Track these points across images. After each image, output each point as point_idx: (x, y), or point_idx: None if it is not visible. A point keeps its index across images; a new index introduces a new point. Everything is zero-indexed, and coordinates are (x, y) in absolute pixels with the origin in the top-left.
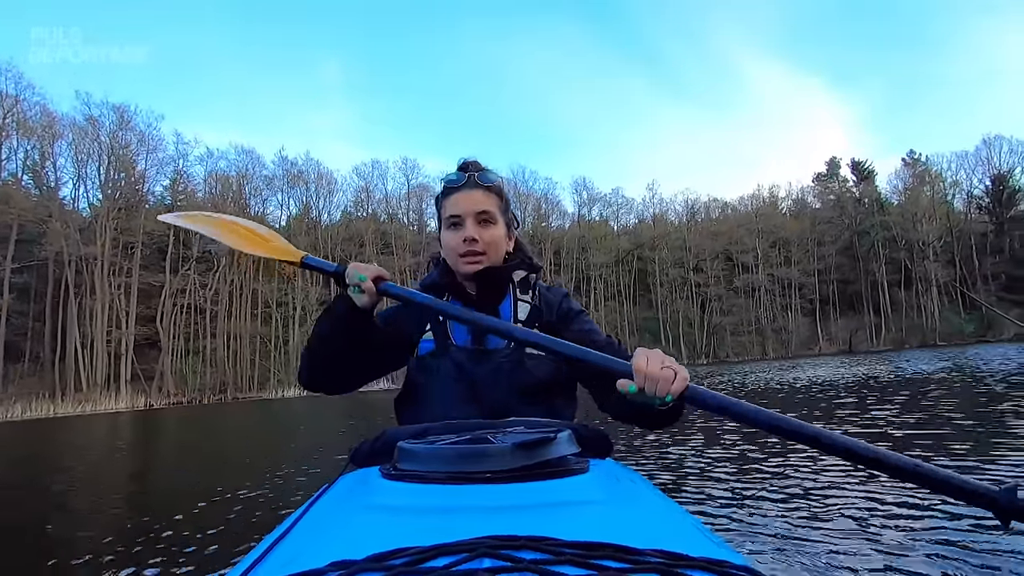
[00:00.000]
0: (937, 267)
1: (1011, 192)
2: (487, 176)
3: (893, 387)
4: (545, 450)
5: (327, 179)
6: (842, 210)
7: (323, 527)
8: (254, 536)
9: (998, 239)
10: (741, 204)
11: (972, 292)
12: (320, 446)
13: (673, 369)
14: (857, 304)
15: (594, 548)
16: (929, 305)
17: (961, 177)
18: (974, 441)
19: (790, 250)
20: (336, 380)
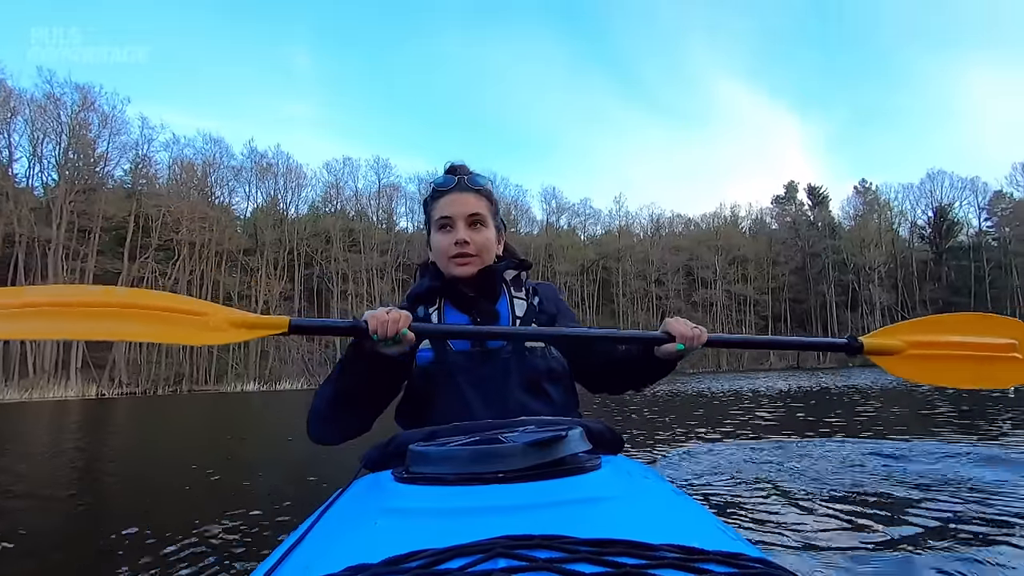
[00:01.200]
0: (881, 291)
1: (950, 224)
2: (477, 179)
3: (827, 396)
4: (556, 448)
5: (296, 173)
6: (797, 232)
7: (338, 532)
8: (182, 535)
9: (937, 267)
10: (703, 221)
11: (911, 316)
12: (278, 446)
13: (700, 328)
14: (807, 322)
15: (609, 545)
16: (872, 327)
17: (907, 207)
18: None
19: (747, 268)
20: (356, 429)
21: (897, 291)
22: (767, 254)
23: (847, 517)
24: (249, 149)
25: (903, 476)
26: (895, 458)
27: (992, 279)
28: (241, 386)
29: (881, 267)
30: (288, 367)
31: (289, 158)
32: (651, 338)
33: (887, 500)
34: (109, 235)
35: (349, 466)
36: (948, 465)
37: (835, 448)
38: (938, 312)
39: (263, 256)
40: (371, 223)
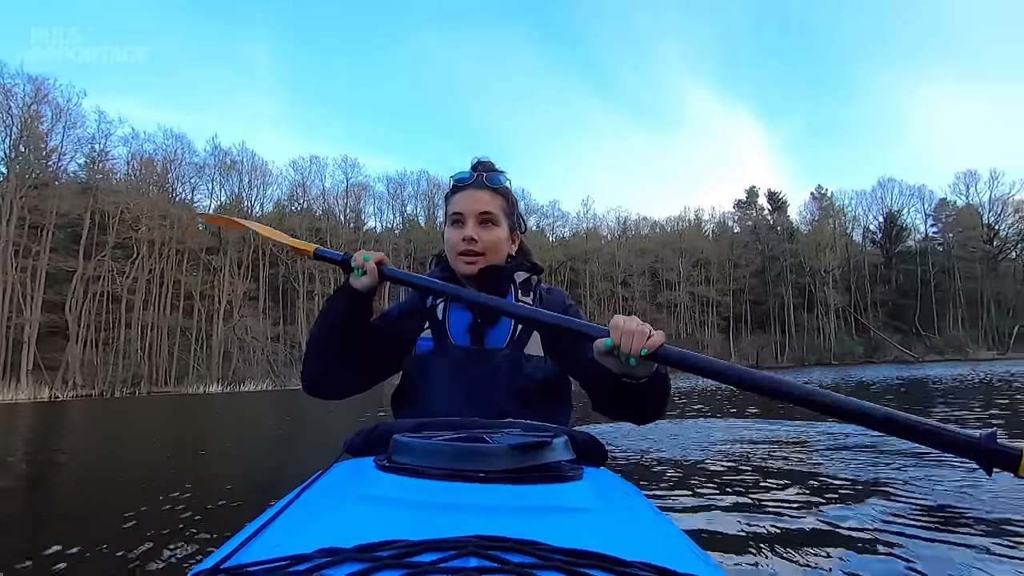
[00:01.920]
0: (835, 294)
1: (899, 229)
2: (495, 177)
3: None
4: (540, 454)
5: (262, 170)
6: (757, 236)
7: (313, 513)
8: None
9: (887, 271)
10: (669, 224)
11: (863, 318)
12: (236, 450)
13: (646, 329)
14: (766, 323)
15: (581, 556)
16: (827, 327)
17: (859, 213)
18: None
19: (710, 270)
20: (338, 375)
21: (850, 293)
22: (729, 257)
23: (829, 547)
24: (213, 146)
25: (900, 499)
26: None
27: (937, 282)
28: (204, 388)
29: (836, 270)
30: (252, 368)
31: (254, 155)
32: (593, 332)
33: (881, 528)
34: (63, 232)
35: (312, 468)
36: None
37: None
38: (888, 314)
39: (226, 255)
40: (338, 222)
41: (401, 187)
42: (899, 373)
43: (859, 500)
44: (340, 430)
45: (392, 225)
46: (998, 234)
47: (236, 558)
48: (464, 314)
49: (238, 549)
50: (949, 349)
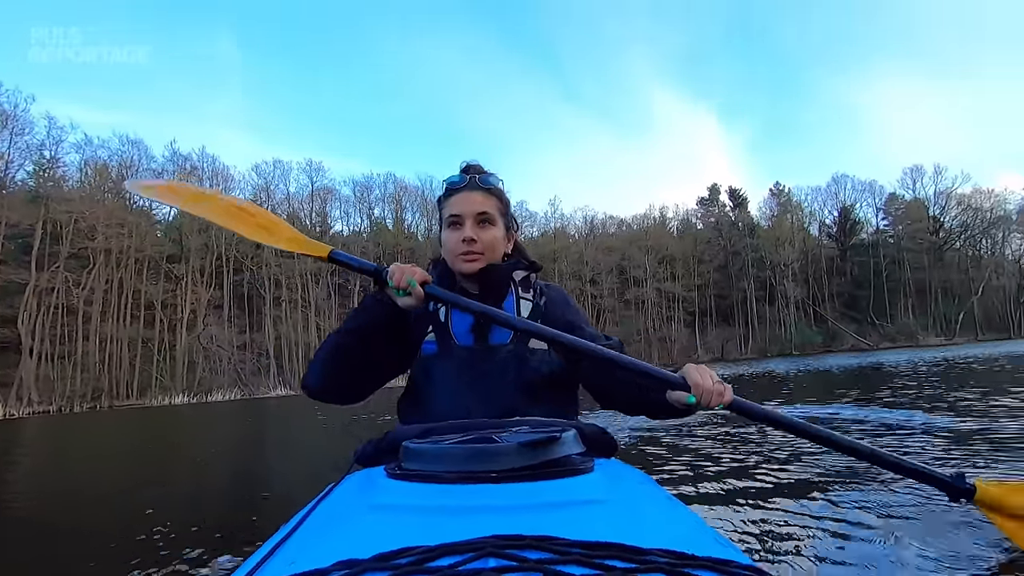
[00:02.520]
0: (794, 286)
1: (853, 223)
2: (488, 179)
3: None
4: (550, 449)
5: (224, 175)
6: (720, 232)
7: (328, 527)
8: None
9: (842, 263)
10: (635, 222)
11: (821, 309)
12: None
13: (723, 386)
14: (730, 317)
15: (599, 548)
16: (787, 319)
17: (815, 208)
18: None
19: (675, 266)
20: (355, 385)
21: (808, 286)
22: (693, 253)
23: (842, 528)
24: (171, 151)
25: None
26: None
27: (888, 273)
28: (169, 399)
29: (794, 263)
30: (219, 377)
31: (215, 160)
32: (664, 378)
33: (893, 516)
34: (13, 243)
35: (303, 477)
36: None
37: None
38: (844, 304)
39: (188, 263)
40: (304, 227)
41: (368, 190)
42: (856, 361)
43: (868, 487)
44: (320, 437)
45: (359, 228)
46: (943, 226)
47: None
48: (466, 316)
49: (256, 568)
50: (901, 336)
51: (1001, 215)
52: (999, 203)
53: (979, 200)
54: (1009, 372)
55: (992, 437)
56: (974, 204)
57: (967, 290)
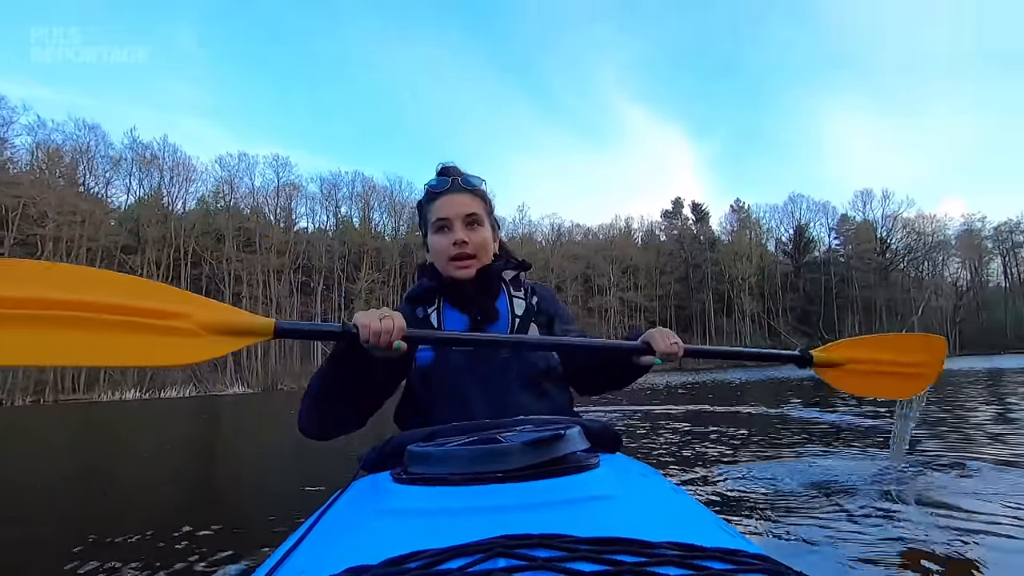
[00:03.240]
0: (750, 300)
1: (807, 241)
2: (470, 180)
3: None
4: (555, 447)
5: (185, 166)
6: (682, 245)
7: (337, 533)
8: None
9: (796, 279)
10: (601, 231)
11: (774, 322)
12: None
13: (678, 342)
14: (688, 327)
15: (608, 543)
16: (743, 331)
17: (773, 225)
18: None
19: (638, 277)
20: (344, 424)
21: (763, 300)
22: (656, 264)
23: (851, 516)
24: (131, 138)
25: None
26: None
27: (838, 290)
28: (120, 394)
29: (751, 278)
30: (173, 373)
31: (176, 150)
32: (632, 348)
33: (899, 503)
34: None
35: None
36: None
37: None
38: (797, 319)
39: (144, 254)
40: (268, 222)
41: (335, 188)
42: (804, 373)
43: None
44: (365, 435)
45: (325, 226)
46: (889, 247)
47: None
48: (460, 318)
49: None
50: None
51: (941, 240)
52: (940, 228)
53: (922, 225)
54: (938, 386)
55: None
56: (918, 228)
57: (909, 309)
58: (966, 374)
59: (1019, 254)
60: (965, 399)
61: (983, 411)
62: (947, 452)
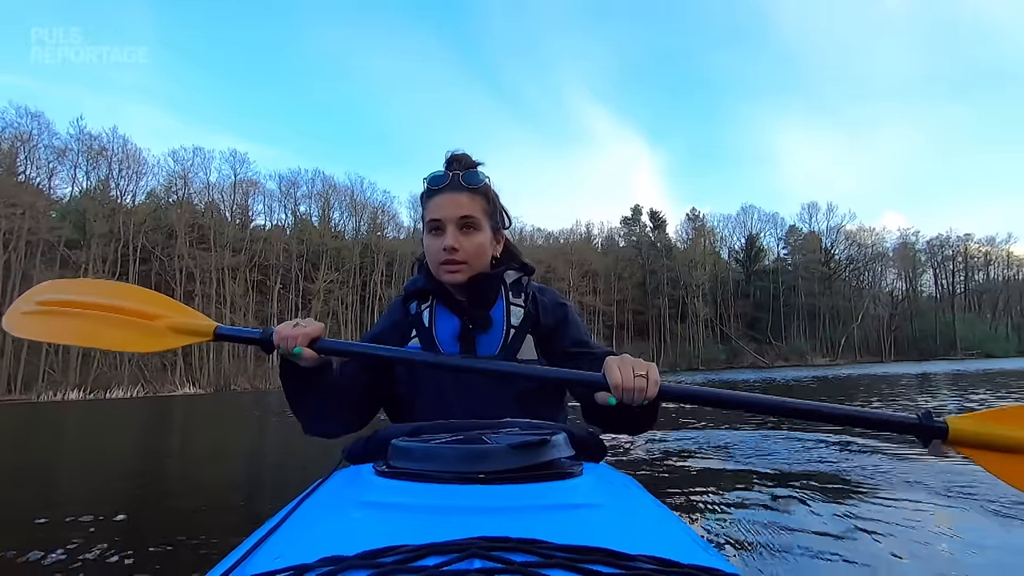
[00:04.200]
0: (703, 306)
1: (757, 250)
2: (473, 176)
3: None
4: (540, 452)
5: (135, 158)
6: (640, 251)
7: (314, 523)
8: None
9: (747, 286)
10: (561, 236)
11: (726, 328)
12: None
13: (645, 376)
14: (645, 332)
15: (585, 552)
16: (696, 336)
17: (726, 234)
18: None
19: (597, 282)
20: (337, 422)
21: (716, 306)
22: (614, 270)
23: (825, 535)
24: (78, 128)
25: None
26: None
27: (785, 298)
28: (62, 395)
29: (704, 284)
30: (118, 373)
31: (127, 141)
32: (590, 381)
33: (869, 521)
34: None
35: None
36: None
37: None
38: (747, 324)
39: (90, 249)
40: (224, 219)
41: (294, 186)
42: (754, 376)
43: (844, 489)
44: (219, 441)
45: (284, 224)
46: (833, 257)
47: (238, 571)
48: (452, 320)
49: (240, 562)
50: (793, 355)
51: (880, 251)
52: (879, 241)
53: (863, 237)
54: (872, 388)
55: (850, 440)
56: (859, 240)
57: (850, 317)
58: (899, 376)
59: (948, 267)
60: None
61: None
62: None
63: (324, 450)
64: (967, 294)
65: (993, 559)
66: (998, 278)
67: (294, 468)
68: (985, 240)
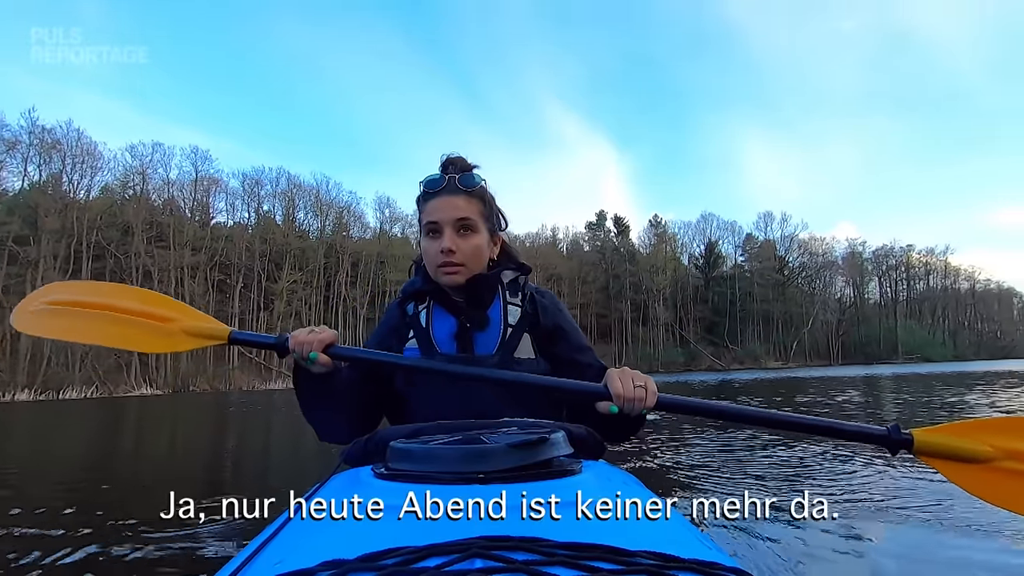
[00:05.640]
0: (664, 310)
1: (716, 257)
2: (469, 179)
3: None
4: (538, 451)
5: (91, 152)
6: (603, 256)
7: (314, 527)
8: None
9: (706, 292)
10: (527, 239)
11: (685, 332)
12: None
13: (644, 387)
14: (608, 335)
15: (585, 549)
16: (656, 339)
17: (686, 240)
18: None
19: (562, 285)
20: (348, 427)
21: (676, 310)
22: (579, 273)
23: (821, 527)
24: (29, 120)
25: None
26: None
27: (741, 303)
28: (11, 395)
29: (665, 289)
30: (71, 374)
31: (82, 134)
32: (591, 391)
33: (866, 512)
34: None
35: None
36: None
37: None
38: (705, 329)
39: (40, 245)
40: (183, 216)
41: (258, 184)
42: (712, 378)
43: (841, 488)
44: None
45: (246, 222)
46: (787, 265)
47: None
48: (449, 320)
49: (241, 567)
50: (748, 359)
51: (830, 260)
52: (829, 250)
53: (814, 246)
54: (822, 390)
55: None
56: (810, 249)
57: (801, 322)
58: (851, 379)
59: (892, 276)
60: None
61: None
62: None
63: (319, 451)
64: (909, 302)
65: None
66: (936, 287)
67: (284, 472)
68: (926, 251)
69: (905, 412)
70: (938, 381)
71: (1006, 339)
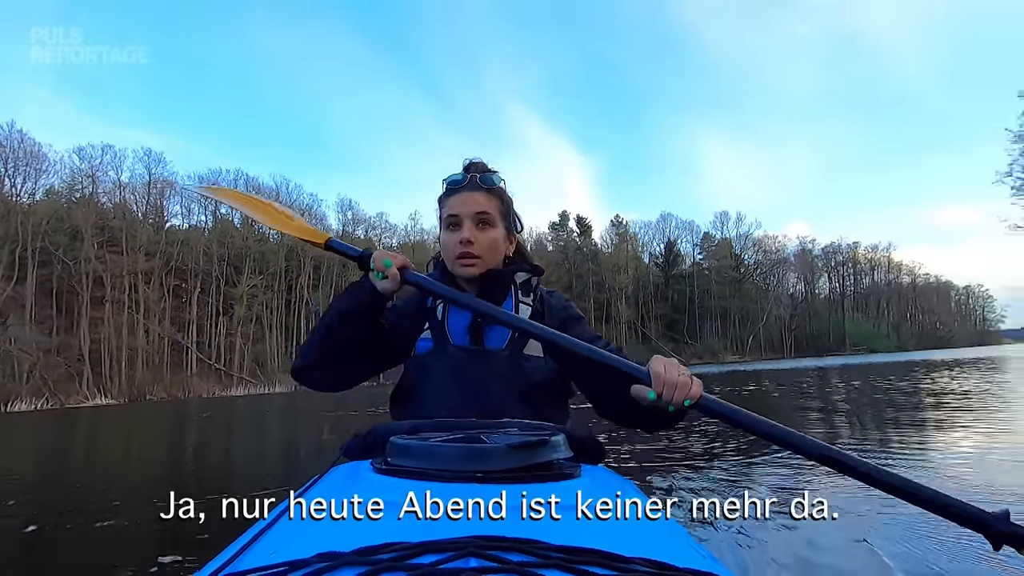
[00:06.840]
0: (626, 308)
1: (675, 256)
2: (489, 178)
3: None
4: (538, 452)
5: (35, 154)
6: (567, 256)
7: (310, 519)
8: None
9: (666, 290)
10: None
11: (647, 329)
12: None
13: (690, 377)
14: None
15: (580, 553)
16: (619, 337)
17: (647, 240)
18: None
19: None
20: (339, 370)
21: (637, 308)
22: None
23: (823, 540)
24: None
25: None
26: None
27: (700, 301)
28: None
29: (627, 288)
30: (18, 385)
31: (24, 135)
32: (629, 371)
33: (870, 526)
34: None
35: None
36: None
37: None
38: (666, 326)
39: None
40: (136, 220)
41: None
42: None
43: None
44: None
45: (203, 225)
46: (743, 262)
47: (234, 565)
48: (464, 314)
49: (236, 556)
50: (707, 354)
51: (783, 257)
52: (782, 247)
53: (768, 243)
54: (776, 379)
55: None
56: (764, 247)
57: (756, 317)
58: (804, 370)
59: (840, 272)
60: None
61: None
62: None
63: (316, 452)
64: (856, 296)
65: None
66: (880, 281)
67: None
68: (871, 247)
69: (864, 399)
70: (881, 368)
71: (944, 330)
